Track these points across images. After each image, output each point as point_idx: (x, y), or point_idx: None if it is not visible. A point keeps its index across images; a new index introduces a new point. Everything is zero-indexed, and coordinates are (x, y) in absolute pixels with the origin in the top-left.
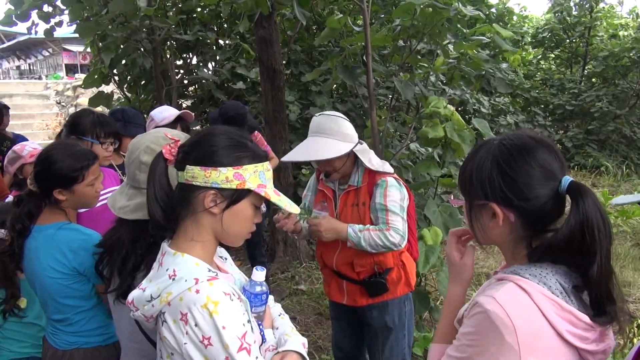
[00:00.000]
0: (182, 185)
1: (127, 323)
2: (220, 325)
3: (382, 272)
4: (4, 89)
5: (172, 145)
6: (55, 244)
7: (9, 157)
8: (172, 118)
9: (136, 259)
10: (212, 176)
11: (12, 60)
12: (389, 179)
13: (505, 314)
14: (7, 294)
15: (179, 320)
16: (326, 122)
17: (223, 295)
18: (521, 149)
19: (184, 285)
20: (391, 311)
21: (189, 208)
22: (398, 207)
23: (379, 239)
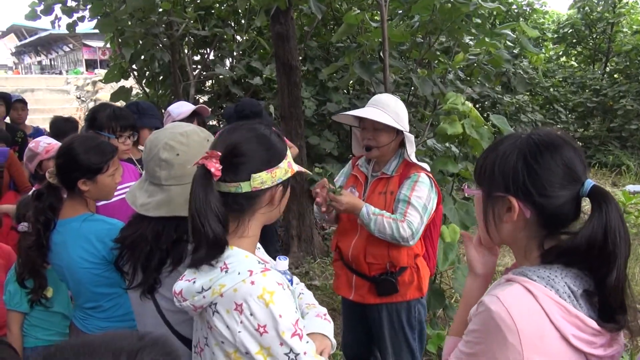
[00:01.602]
0: (248, 194)
1: (149, 316)
2: (277, 314)
3: (395, 272)
4: (26, 83)
5: (213, 161)
6: (83, 236)
7: (27, 155)
8: (188, 113)
9: (161, 255)
10: (278, 174)
11: (33, 55)
12: (422, 175)
13: (509, 315)
14: (35, 284)
15: (233, 310)
16: (386, 99)
17: (277, 285)
18: (549, 146)
19: (238, 278)
20: (400, 314)
21: (252, 210)
22: (421, 205)
23: (389, 227)
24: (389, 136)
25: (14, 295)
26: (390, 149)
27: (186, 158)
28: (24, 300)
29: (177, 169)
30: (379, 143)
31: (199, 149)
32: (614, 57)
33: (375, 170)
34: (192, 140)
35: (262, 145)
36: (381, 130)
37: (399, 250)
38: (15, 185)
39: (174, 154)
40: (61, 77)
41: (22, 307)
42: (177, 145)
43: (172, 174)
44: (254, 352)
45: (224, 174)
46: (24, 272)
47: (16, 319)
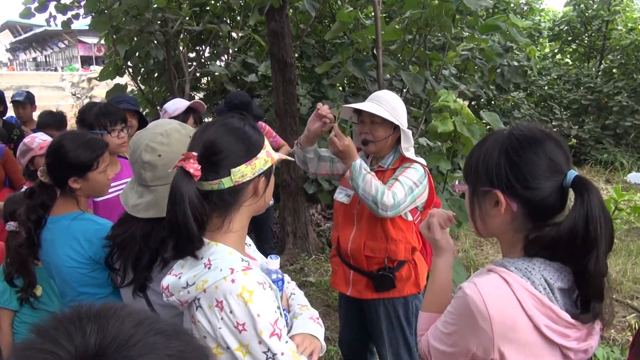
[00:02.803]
0: (231, 189)
1: None
2: (255, 313)
3: (392, 268)
4: (21, 80)
5: (191, 162)
6: (71, 234)
7: (20, 150)
8: (184, 109)
9: (151, 254)
10: (257, 165)
11: (28, 52)
12: (415, 164)
13: (482, 301)
14: (24, 282)
15: (214, 306)
16: (385, 95)
17: (257, 284)
18: (530, 140)
19: (220, 275)
20: (397, 309)
21: (237, 204)
22: (408, 185)
23: (375, 189)
24: (385, 131)
25: (3, 292)
26: (388, 144)
27: (169, 157)
28: (14, 297)
29: (160, 169)
30: (375, 137)
31: (181, 147)
32: (608, 54)
33: (372, 165)
34: (173, 139)
35: (237, 138)
36: (378, 125)
37: (397, 243)
38: (11, 182)
39: (156, 155)
40: (56, 74)
41: (12, 304)
42: (157, 146)
43: (157, 175)
44: (234, 348)
45: (204, 173)
46: (12, 270)
47: (6, 317)
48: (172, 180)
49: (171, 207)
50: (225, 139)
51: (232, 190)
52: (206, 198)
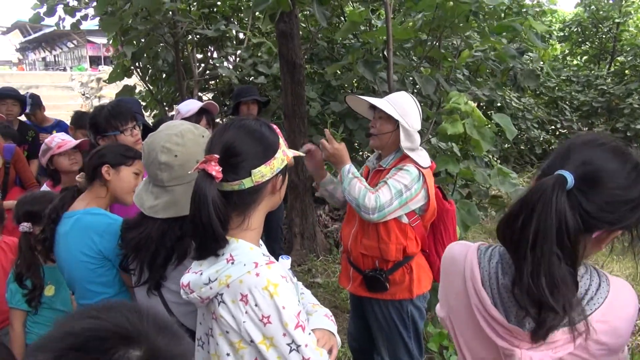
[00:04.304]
0: (251, 189)
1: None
2: (281, 305)
3: (385, 270)
4: (31, 80)
5: (212, 164)
6: (83, 228)
7: (42, 149)
8: (196, 110)
9: (167, 253)
10: (275, 165)
11: (38, 51)
12: (409, 165)
13: (445, 257)
14: (32, 284)
15: (239, 301)
16: (398, 95)
17: (280, 277)
18: None
19: (244, 269)
20: (391, 312)
21: (257, 203)
22: (396, 188)
23: (358, 192)
24: (388, 126)
25: (15, 293)
26: (390, 140)
27: (185, 158)
28: (24, 298)
29: (177, 169)
30: (379, 131)
31: (195, 147)
32: (619, 56)
33: (377, 164)
34: (187, 140)
35: (255, 140)
36: (383, 119)
37: (387, 244)
38: (21, 181)
39: (172, 156)
40: (66, 74)
41: (24, 305)
42: (173, 146)
43: (174, 175)
44: (258, 341)
45: (224, 174)
46: (22, 271)
47: (18, 317)
48: (195, 182)
49: (195, 209)
50: (243, 141)
51: (252, 190)
52: (226, 198)
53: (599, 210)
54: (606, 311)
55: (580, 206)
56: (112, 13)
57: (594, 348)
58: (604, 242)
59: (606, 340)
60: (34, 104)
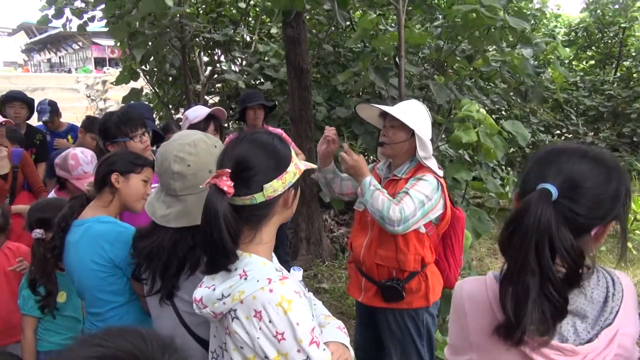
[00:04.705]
0: (262, 203)
1: (167, 318)
2: (295, 321)
3: (401, 280)
4: (37, 82)
5: (224, 179)
6: (93, 237)
7: (59, 163)
8: (204, 116)
9: (179, 262)
10: (287, 179)
11: (43, 53)
12: (428, 174)
13: (461, 297)
14: (45, 291)
15: (252, 317)
16: (410, 103)
17: (294, 293)
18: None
19: (257, 285)
20: (406, 321)
21: (268, 217)
22: (419, 199)
23: (382, 205)
24: (402, 135)
25: (27, 300)
26: (404, 149)
27: (197, 167)
28: (37, 305)
29: (190, 179)
30: (391, 140)
31: (208, 157)
32: (624, 61)
33: (389, 172)
34: (200, 149)
35: (267, 154)
36: (396, 128)
37: (406, 254)
38: (29, 185)
39: (185, 165)
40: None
41: (36, 311)
42: (186, 156)
43: (186, 185)
44: (272, 357)
45: (236, 189)
46: (35, 278)
47: (30, 324)
48: (206, 197)
49: (206, 224)
50: (255, 155)
51: (264, 204)
52: (238, 212)
53: (589, 210)
54: (625, 306)
55: (572, 211)
56: (120, 16)
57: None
58: (602, 236)
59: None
60: (53, 111)
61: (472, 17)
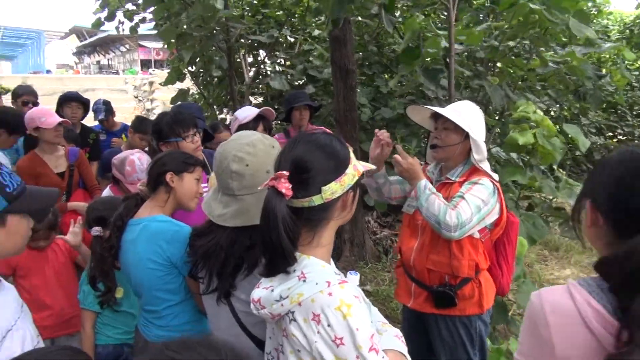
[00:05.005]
0: (321, 206)
1: (223, 318)
2: (354, 327)
3: (454, 285)
4: (88, 83)
5: (282, 181)
6: (151, 235)
7: (117, 163)
8: (254, 116)
9: (236, 262)
10: (346, 181)
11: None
12: (484, 179)
13: (542, 309)
14: (105, 287)
15: (311, 320)
16: (462, 105)
17: (354, 298)
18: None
19: (316, 288)
20: (458, 328)
21: (327, 220)
22: (475, 204)
23: (438, 209)
24: (455, 138)
25: (87, 295)
26: (457, 152)
27: (255, 167)
28: (96, 300)
29: (248, 178)
30: (444, 142)
31: (266, 157)
32: None
33: (441, 175)
34: (258, 150)
35: (326, 155)
36: (449, 130)
37: (460, 260)
38: (84, 183)
39: (244, 165)
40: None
41: (96, 306)
42: (245, 155)
43: (244, 184)
44: None
45: (294, 191)
46: (95, 274)
47: (89, 318)
48: (265, 199)
49: (264, 226)
50: (314, 156)
51: (322, 206)
52: (296, 214)
53: None
54: None
55: None
56: (168, 17)
57: None
58: None
59: None
60: (108, 110)
61: (533, 18)
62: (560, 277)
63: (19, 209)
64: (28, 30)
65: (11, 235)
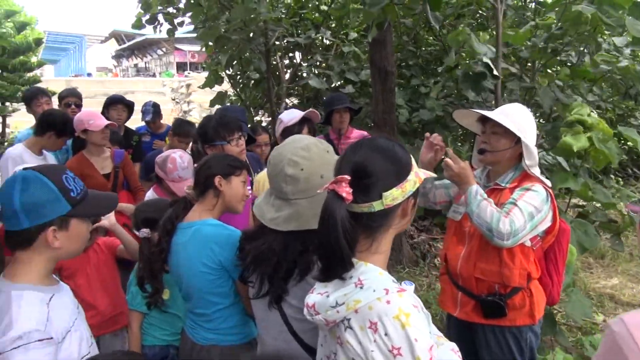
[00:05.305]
0: (381, 212)
1: (274, 323)
2: (413, 337)
3: (504, 295)
4: (128, 86)
5: (343, 185)
6: (203, 239)
7: (160, 162)
8: (299, 119)
9: (288, 266)
10: (408, 187)
11: (130, 58)
12: (537, 185)
13: (630, 335)
14: (152, 289)
15: (367, 328)
16: (512, 108)
17: (412, 307)
18: None
19: (373, 295)
20: (508, 339)
21: (386, 226)
22: (528, 211)
23: (491, 216)
24: (505, 142)
25: (135, 295)
26: (506, 157)
27: (310, 171)
28: (144, 301)
29: (302, 183)
30: (493, 147)
31: (321, 161)
32: None
33: (489, 181)
34: (313, 154)
35: (388, 161)
36: (499, 135)
37: (511, 268)
38: (128, 185)
39: (299, 169)
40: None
41: (143, 307)
42: (300, 160)
43: (299, 188)
44: None
45: (355, 195)
46: (143, 276)
47: (137, 318)
48: (324, 203)
49: (323, 230)
50: (376, 162)
51: (382, 213)
52: (355, 219)
53: None
54: None
55: None
56: (206, 21)
57: None
58: None
59: None
60: (156, 113)
61: (585, 17)
62: (606, 286)
63: (82, 213)
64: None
65: (73, 238)
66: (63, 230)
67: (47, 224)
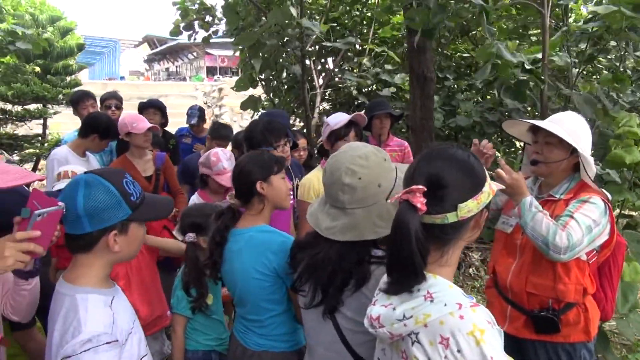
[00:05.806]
0: (455, 223)
1: (326, 334)
2: (488, 355)
3: (558, 310)
4: (161, 89)
5: (417, 195)
6: (257, 246)
7: (203, 162)
8: (345, 122)
9: (344, 276)
10: (482, 199)
11: (162, 62)
12: (595, 197)
13: None
14: (197, 293)
15: (438, 343)
16: (565, 116)
17: (487, 323)
18: None
19: (445, 309)
20: (561, 356)
21: (458, 238)
22: (586, 224)
23: (547, 229)
24: (560, 153)
25: (181, 300)
26: (561, 168)
27: (368, 180)
28: (189, 305)
29: (359, 192)
30: (547, 158)
31: (379, 171)
32: None
33: (542, 192)
34: (371, 162)
35: (464, 172)
36: (552, 145)
37: (567, 284)
38: (168, 187)
39: (356, 178)
40: (190, 84)
41: (188, 311)
42: (358, 168)
43: (355, 198)
44: None
45: (428, 206)
46: (189, 280)
47: (181, 322)
48: (397, 213)
49: (396, 242)
50: (452, 173)
51: (456, 224)
52: (427, 231)
53: None
54: None
55: None
56: (242, 28)
57: None
58: None
59: None
60: (200, 117)
61: (626, 14)
62: None
63: (141, 217)
64: (106, 39)
65: (132, 242)
66: (123, 234)
67: (108, 229)
